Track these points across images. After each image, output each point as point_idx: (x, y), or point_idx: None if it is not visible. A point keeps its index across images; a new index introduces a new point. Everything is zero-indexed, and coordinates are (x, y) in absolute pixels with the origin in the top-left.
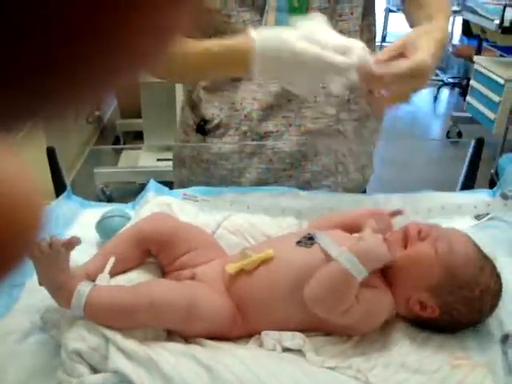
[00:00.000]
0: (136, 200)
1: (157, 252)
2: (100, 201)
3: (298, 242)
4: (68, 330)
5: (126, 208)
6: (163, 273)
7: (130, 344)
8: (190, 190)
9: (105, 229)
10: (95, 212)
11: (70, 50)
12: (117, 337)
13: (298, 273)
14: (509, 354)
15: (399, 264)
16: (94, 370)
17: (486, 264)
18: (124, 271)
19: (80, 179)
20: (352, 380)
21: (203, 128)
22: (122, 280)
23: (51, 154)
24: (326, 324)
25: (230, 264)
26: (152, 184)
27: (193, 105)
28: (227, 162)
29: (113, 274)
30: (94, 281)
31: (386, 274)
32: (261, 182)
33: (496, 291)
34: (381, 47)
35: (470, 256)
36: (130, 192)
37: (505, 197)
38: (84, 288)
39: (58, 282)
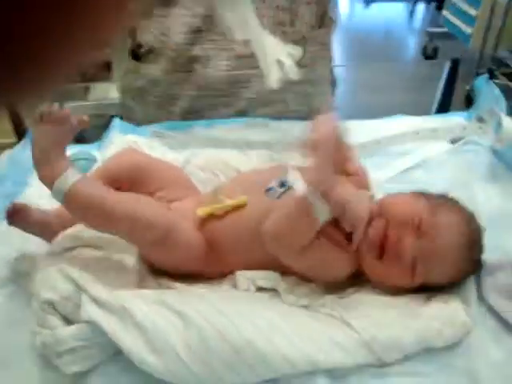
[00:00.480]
0: (101, 140)
1: (128, 190)
2: (74, 139)
3: (269, 190)
4: (39, 280)
5: (91, 149)
6: None
7: (102, 292)
8: (156, 127)
9: None
10: None
11: (31, 23)
12: (88, 285)
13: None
14: (482, 282)
15: (369, 270)
16: (67, 320)
17: (470, 259)
18: None
19: None
20: (327, 318)
21: (136, 53)
22: None
23: None
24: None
25: (200, 207)
26: (116, 122)
27: (132, 30)
28: (158, 88)
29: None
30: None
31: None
32: (194, 110)
33: (472, 270)
34: None
35: (452, 271)
36: (103, 128)
37: (480, 120)
38: (72, 175)
39: (50, 155)
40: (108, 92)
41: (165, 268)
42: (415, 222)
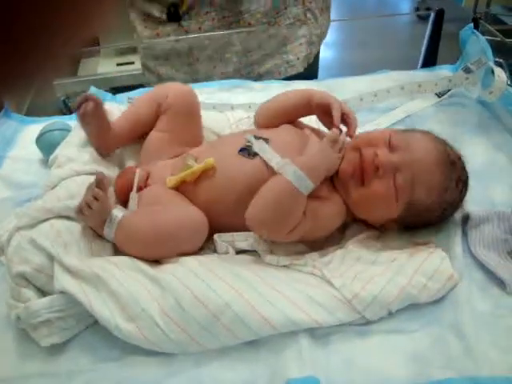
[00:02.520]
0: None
1: (165, 109)
2: (63, 114)
3: (241, 150)
4: (11, 253)
5: (68, 119)
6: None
7: (75, 262)
8: (134, 93)
9: (45, 144)
10: (36, 128)
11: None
12: (60, 254)
13: (242, 185)
14: (468, 235)
15: (356, 201)
16: (42, 292)
17: (452, 178)
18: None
19: (41, 93)
20: (308, 277)
21: (176, 13)
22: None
23: None
24: None
25: (170, 177)
26: (92, 90)
27: None
28: (208, 47)
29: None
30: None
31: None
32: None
33: (458, 201)
34: None
35: (433, 184)
36: None
37: (467, 70)
38: (117, 213)
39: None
40: (97, 67)
41: None
42: (386, 140)
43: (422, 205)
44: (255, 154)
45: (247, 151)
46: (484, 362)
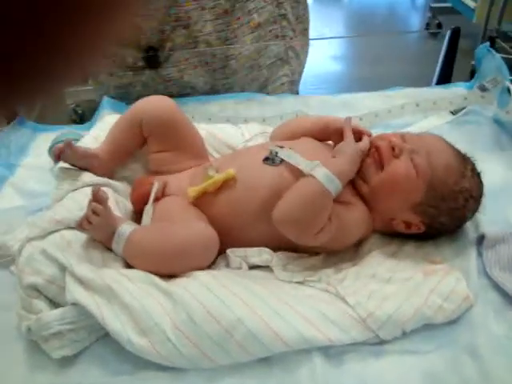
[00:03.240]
0: (92, 120)
1: (148, 134)
2: (73, 121)
3: (266, 159)
4: (22, 264)
5: (82, 129)
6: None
7: (87, 273)
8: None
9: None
10: (49, 136)
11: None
12: (73, 266)
13: (264, 193)
14: (483, 255)
15: (378, 188)
16: (54, 303)
17: (467, 167)
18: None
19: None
20: (322, 293)
21: (155, 58)
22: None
23: None
24: (295, 243)
25: (191, 188)
26: (106, 101)
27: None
28: (192, 88)
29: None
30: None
31: (359, 190)
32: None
33: (478, 195)
34: None
35: (449, 164)
36: None
37: (483, 89)
38: (124, 230)
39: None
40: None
41: None
42: (398, 135)
43: (444, 186)
44: (281, 161)
45: (271, 160)
46: None
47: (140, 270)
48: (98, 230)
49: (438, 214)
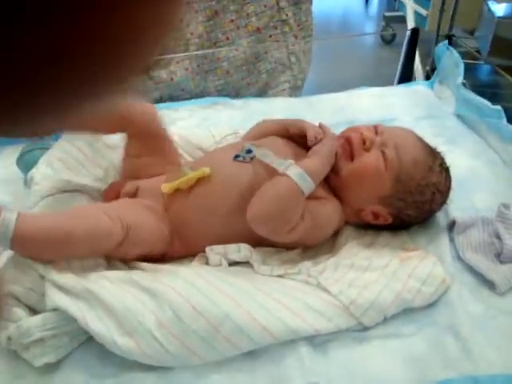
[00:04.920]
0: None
1: (130, 136)
2: None
3: (236, 157)
4: (1, 273)
5: (51, 139)
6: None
7: (67, 278)
8: None
9: (26, 164)
10: (17, 148)
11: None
12: (52, 272)
13: (238, 190)
14: (455, 240)
15: (347, 178)
16: (34, 311)
17: (435, 162)
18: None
19: None
20: (303, 285)
21: None
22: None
23: None
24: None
25: (165, 184)
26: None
27: None
28: (183, 90)
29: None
30: None
31: (330, 182)
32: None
33: (445, 189)
34: None
35: (418, 158)
36: None
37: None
38: (9, 215)
39: None
40: None
41: (131, 258)
42: (370, 127)
43: (411, 180)
44: (251, 158)
45: (242, 157)
46: (482, 362)
47: (120, 271)
48: None
49: (405, 206)
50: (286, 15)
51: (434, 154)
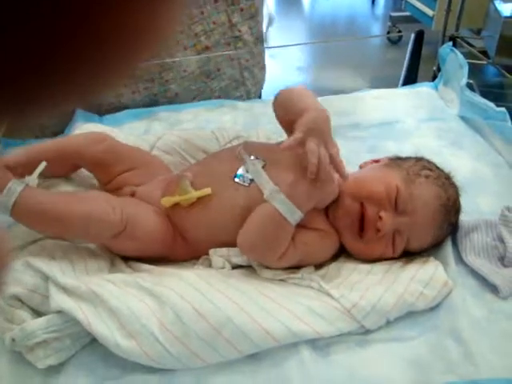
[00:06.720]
0: (64, 133)
1: (91, 169)
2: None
3: (237, 176)
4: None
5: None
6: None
7: (70, 281)
8: (121, 114)
9: None
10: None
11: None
12: (56, 274)
13: (237, 210)
14: (458, 244)
15: (353, 251)
16: (37, 313)
17: (443, 226)
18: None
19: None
20: (306, 289)
21: None
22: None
23: None
24: None
25: (166, 197)
26: (79, 113)
27: None
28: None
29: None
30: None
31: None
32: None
33: (445, 236)
34: None
35: (428, 237)
36: None
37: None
38: (16, 186)
39: None
40: None
41: (130, 255)
42: (391, 198)
43: (414, 250)
44: (251, 180)
45: (243, 178)
46: (484, 366)
47: (123, 274)
48: None
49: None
50: (239, 31)
51: (447, 216)
